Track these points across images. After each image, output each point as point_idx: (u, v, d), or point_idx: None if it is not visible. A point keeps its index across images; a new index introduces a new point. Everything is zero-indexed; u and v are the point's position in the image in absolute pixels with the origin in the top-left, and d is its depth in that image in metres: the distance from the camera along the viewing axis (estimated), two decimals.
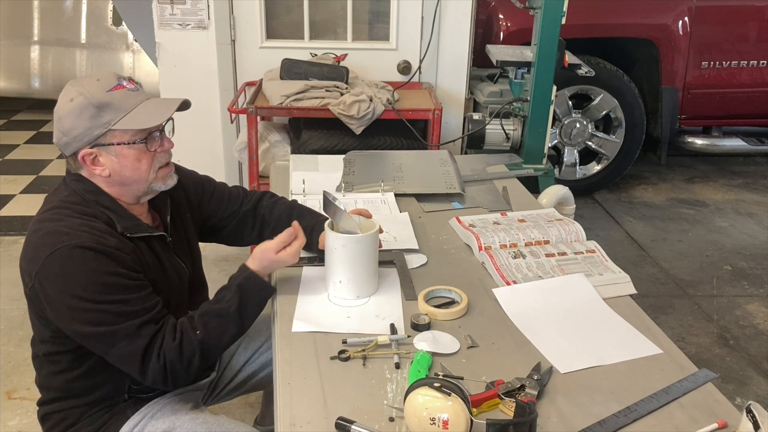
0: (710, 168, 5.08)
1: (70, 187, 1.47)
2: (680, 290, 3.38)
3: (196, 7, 3.24)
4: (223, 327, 1.43)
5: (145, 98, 1.46)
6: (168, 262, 1.54)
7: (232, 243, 1.84)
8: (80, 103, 1.39)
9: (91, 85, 1.41)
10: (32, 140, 5.39)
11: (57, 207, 1.42)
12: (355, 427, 1.12)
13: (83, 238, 1.34)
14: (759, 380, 2.71)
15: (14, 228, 3.84)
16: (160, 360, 1.36)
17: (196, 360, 1.39)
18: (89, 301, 1.32)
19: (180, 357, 1.37)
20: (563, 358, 1.34)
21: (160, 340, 1.37)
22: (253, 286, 1.47)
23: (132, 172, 1.45)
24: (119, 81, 1.44)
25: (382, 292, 1.56)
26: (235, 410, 2.44)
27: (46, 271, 1.33)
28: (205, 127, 3.43)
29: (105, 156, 1.43)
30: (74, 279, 1.32)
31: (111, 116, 1.40)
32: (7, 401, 2.49)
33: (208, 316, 1.43)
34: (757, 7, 4.25)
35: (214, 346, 1.43)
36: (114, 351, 1.35)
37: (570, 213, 2.68)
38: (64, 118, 1.40)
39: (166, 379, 1.38)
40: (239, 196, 1.79)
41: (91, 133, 1.40)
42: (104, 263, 1.34)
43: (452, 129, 3.50)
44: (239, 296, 1.45)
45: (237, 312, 1.43)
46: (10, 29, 5.52)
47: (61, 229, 1.36)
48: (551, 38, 2.73)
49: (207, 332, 1.41)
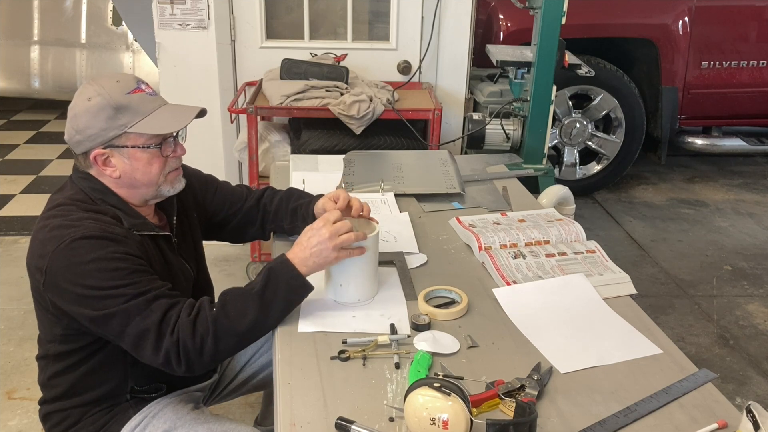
0: (710, 168, 5.08)
1: (76, 185, 1.47)
2: (680, 290, 3.38)
3: (196, 7, 3.24)
4: (242, 307, 1.35)
5: (162, 103, 1.46)
6: (173, 261, 1.54)
7: (236, 240, 1.85)
8: (98, 103, 1.38)
9: (111, 86, 1.40)
10: (32, 140, 5.40)
11: (62, 204, 1.43)
12: (355, 427, 1.12)
13: (89, 228, 1.35)
14: (759, 380, 2.71)
15: (14, 228, 3.84)
16: (173, 335, 1.31)
17: (210, 340, 1.31)
18: (99, 288, 1.31)
19: (192, 334, 1.31)
20: (563, 358, 1.34)
21: (176, 316, 1.32)
22: (284, 271, 1.39)
23: (143, 175, 1.45)
24: (138, 84, 1.44)
25: (387, 292, 1.56)
26: (235, 410, 2.44)
27: (56, 264, 1.33)
28: (205, 127, 3.42)
29: (117, 157, 1.43)
30: (83, 268, 1.32)
31: (128, 119, 1.40)
32: (7, 401, 2.50)
33: (230, 295, 1.38)
34: (757, 7, 4.26)
35: (230, 328, 1.33)
36: (129, 330, 1.32)
37: (570, 213, 2.68)
38: (80, 116, 1.40)
39: (179, 357, 1.32)
40: (242, 194, 1.80)
41: (106, 134, 1.40)
42: (110, 248, 1.33)
43: (452, 129, 3.50)
44: (266, 278, 1.38)
45: (260, 293, 1.36)
46: (10, 29, 5.53)
47: (66, 223, 1.36)
48: (551, 38, 2.73)
49: (224, 310, 1.34)
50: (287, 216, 1.75)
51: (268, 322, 1.39)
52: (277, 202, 1.79)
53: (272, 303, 1.37)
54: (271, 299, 1.37)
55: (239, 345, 1.39)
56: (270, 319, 1.38)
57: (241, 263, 3.42)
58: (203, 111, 1.50)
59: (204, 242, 1.76)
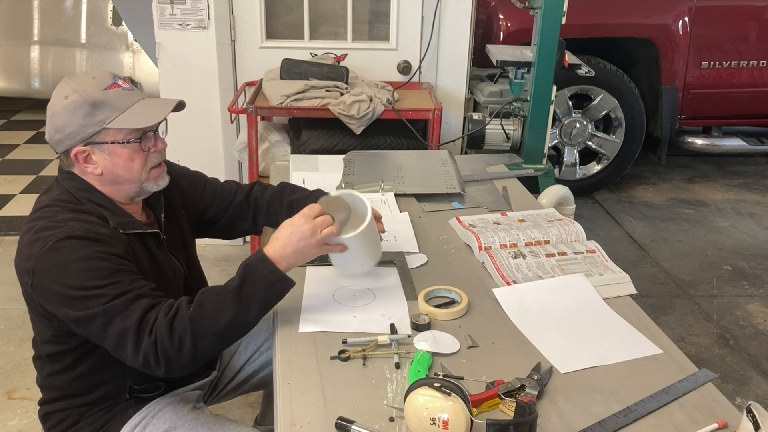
0: (710, 168, 5.08)
1: (62, 185, 1.46)
2: (680, 290, 3.38)
3: (196, 7, 3.24)
4: (219, 305, 1.32)
5: (140, 98, 1.45)
6: (162, 259, 1.54)
7: (229, 236, 1.84)
8: (75, 100, 1.38)
9: (87, 83, 1.40)
10: (32, 140, 5.39)
11: (48, 206, 1.42)
12: (355, 427, 1.12)
13: (73, 228, 1.34)
14: (759, 380, 2.71)
15: (14, 228, 3.84)
16: (151, 336, 1.29)
17: (188, 340, 1.29)
18: (83, 288, 1.31)
19: (170, 334, 1.29)
20: (563, 358, 1.34)
21: (154, 316, 1.31)
22: (262, 267, 1.37)
23: (124, 171, 1.44)
24: (114, 80, 1.44)
25: (387, 292, 1.56)
26: (235, 410, 2.44)
27: (41, 266, 1.33)
28: (205, 127, 3.43)
29: (98, 154, 1.42)
30: (67, 269, 1.31)
31: (105, 115, 1.39)
32: (7, 401, 2.50)
33: (207, 293, 1.36)
34: (757, 7, 4.25)
35: (207, 327, 1.31)
36: (111, 331, 1.30)
37: (570, 213, 2.68)
38: (58, 115, 1.40)
39: (158, 358, 1.30)
40: (231, 189, 1.79)
41: (84, 131, 1.39)
42: (93, 248, 1.33)
43: (452, 129, 3.50)
44: (243, 274, 1.36)
45: (237, 290, 1.34)
46: (10, 29, 5.52)
47: (51, 224, 1.36)
48: (551, 38, 2.73)
49: (201, 309, 1.32)
50: (282, 210, 1.74)
51: (248, 319, 1.35)
52: (269, 196, 1.78)
53: (250, 299, 1.34)
54: (249, 296, 1.34)
55: (220, 344, 1.37)
56: (249, 316, 1.35)
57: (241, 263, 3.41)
58: (181, 103, 1.49)
59: (203, 241, 1.75)
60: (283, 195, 1.77)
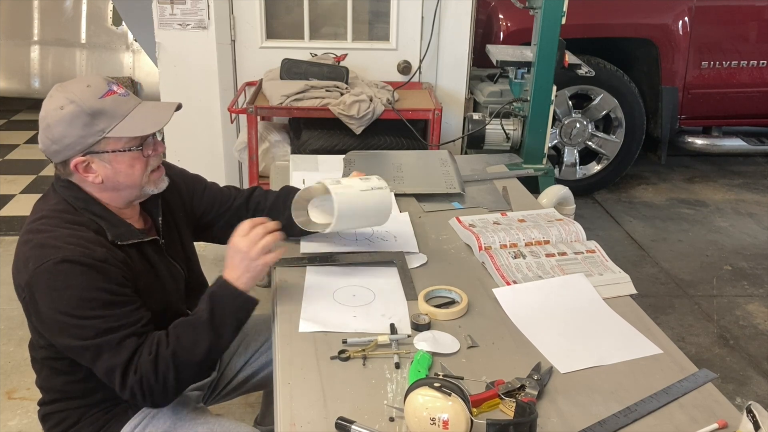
0: (710, 168, 5.08)
1: (59, 194, 1.44)
2: (680, 290, 3.38)
3: (196, 7, 3.24)
4: (194, 338, 1.36)
5: (136, 103, 1.43)
6: (161, 264, 1.53)
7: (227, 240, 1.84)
8: (72, 110, 1.35)
9: (82, 92, 1.37)
10: (32, 140, 5.39)
11: (45, 216, 1.41)
12: (355, 427, 1.12)
13: (70, 250, 1.32)
14: (759, 380, 2.71)
15: (14, 228, 3.84)
16: (137, 374, 1.32)
17: (172, 375, 1.33)
18: (75, 317, 1.31)
19: (155, 371, 1.32)
20: (563, 358, 1.34)
21: (139, 355, 1.33)
22: (226, 294, 1.41)
23: (125, 177, 1.43)
24: (110, 86, 1.41)
25: (388, 292, 1.56)
26: (235, 410, 2.44)
27: (35, 284, 1.33)
28: (205, 127, 3.43)
29: (98, 163, 1.41)
30: (61, 294, 1.31)
31: (106, 123, 1.37)
32: (7, 401, 2.49)
33: (181, 327, 1.38)
34: (757, 7, 4.25)
35: (188, 360, 1.35)
36: (100, 364, 1.33)
37: (570, 213, 2.68)
38: (54, 126, 1.37)
39: (144, 395, 1.33)
40: (231, 193, 1.79)
41: (84, 141, 1.37)
42: (90, 278, 1.32)
43: (452, 129, 3.50)
44: (210, 304, 1.39)
45: (209, 320, 1.37)
46: (10, 29, 5.52)
47: (49, 242, 1.34)
48: (551, 38, 2.73)
49: (179, 344, 1.35)
50: (285, 212, 1.73)
51: (223, 344, 1.41)
52: (273, 200, 1.78)
53: (222, 326, 1.39)
54: (221, 323, 1.39)
55: (201, 371, 1.44)
56: (224, 341, 1.41)
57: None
58: (178, 105, 1.48)
59: (202, 243, 1.75)
60: (287, 198, 1.75)
